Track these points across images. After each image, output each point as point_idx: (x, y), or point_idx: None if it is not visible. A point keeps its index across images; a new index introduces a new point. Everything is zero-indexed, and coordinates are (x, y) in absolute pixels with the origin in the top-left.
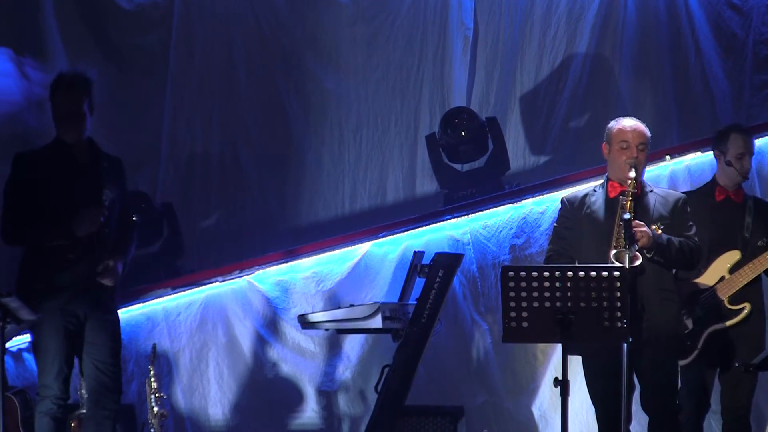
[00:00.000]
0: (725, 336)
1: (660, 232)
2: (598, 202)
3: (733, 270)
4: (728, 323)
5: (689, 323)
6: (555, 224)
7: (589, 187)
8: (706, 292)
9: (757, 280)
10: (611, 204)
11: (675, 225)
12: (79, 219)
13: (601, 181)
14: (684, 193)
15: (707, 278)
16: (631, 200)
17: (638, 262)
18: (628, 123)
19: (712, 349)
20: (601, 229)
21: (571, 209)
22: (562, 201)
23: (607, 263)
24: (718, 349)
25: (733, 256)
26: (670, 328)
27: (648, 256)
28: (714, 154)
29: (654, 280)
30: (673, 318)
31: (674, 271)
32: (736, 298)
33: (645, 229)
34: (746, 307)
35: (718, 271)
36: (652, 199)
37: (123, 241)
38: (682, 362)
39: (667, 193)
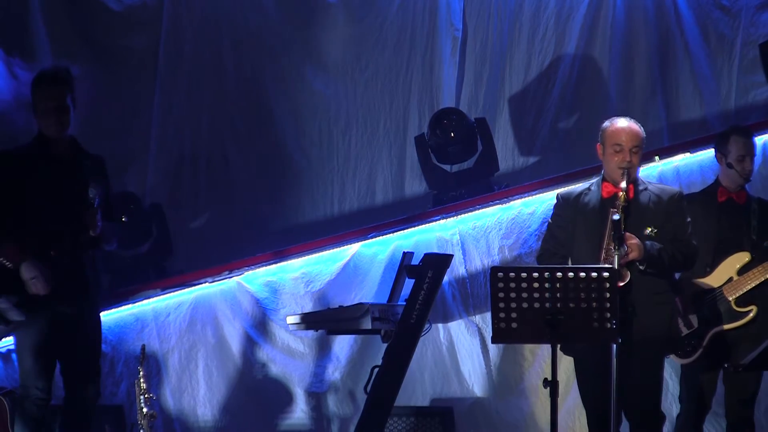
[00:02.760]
0: (730, 337)
1: (653, 235)
2: (592, 201)
3: (741, 272)
4: (734, 325)
5: (695, 322)
6: (549, 221)
7: (585, 185)
8: (714, 292)
9: (765, 282)
10: (605, 204)
11: (668, 225)
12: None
13: (597, 178)
14: (687, 194)
15: (715, 279)
16: (622, 211)
17: (626, 281)
18: (622, 125)
19: (716, 350)
20: (594, 228)
21: (565, 206)
22: (557, 197)
23: (598, 263)
24: (722, 350)
25: (742, 257)
26: (662, 332)
27: (641, 268)
28: (716, 156)
29: (646, 285)
30: (665, 321)
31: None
32: (743, 300)
33: (635, 241)
34: (753, 309)
35: (727, 272)
36: (645, 198)
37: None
38: (684, 361)
39: (662, 190)
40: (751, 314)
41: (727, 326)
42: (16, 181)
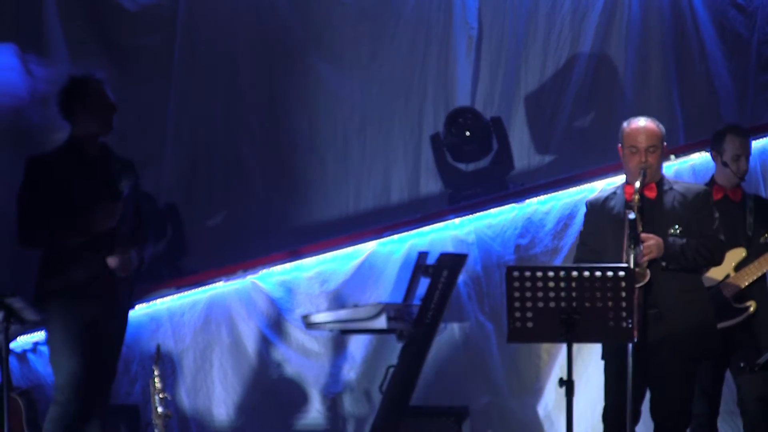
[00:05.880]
0: (731, 334)
1: (677, 234)
2: (617, 205)
3: (738, 268)
4: (734, 321)
5: None
6: (581, 229)
7: (611, 189)
8: (711, 290)
9: (762, 278)
10: (628, 206)
11: (693, 222)
12: (99, 213)
13: (622, 182)
14: None
15: (712, 276)
16: (638, 210)
17: (645, 280)
18: (638, 125)
19: (720, 347)
20: (621, 232)
21: (592, 213)
22: (586, 205)
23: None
24: (724, 347)
25: (738, 254)
26: (692, 331)
27: (663, 264)
28: (711, 154)
29: (674, 284)
30: (696, 320)
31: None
32: (741, 296)
33: (653, 241)
34: (752, 304)
35: (723, 269)
36: (670, 197)
37: (138, 237)
38: None
39: (687, 189)
40: (751, 309)
41: (726, 323)
42: (48, 186)
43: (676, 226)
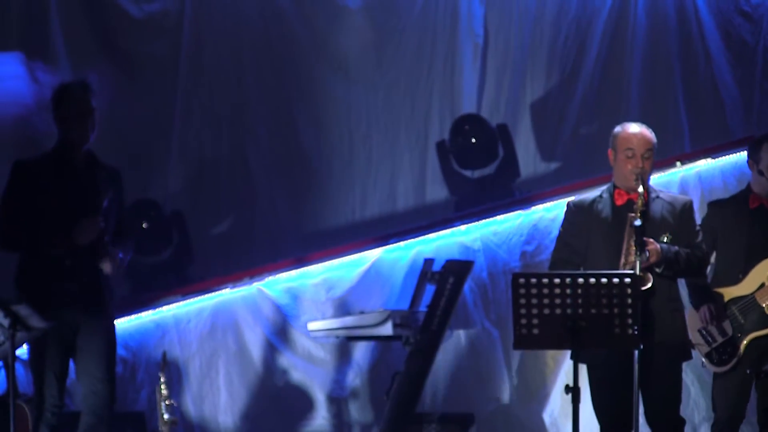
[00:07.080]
0: (765, 343)
1: (667, 242)
2: (605, 209)
3: None
4: None
5: (729, 330)
6: (560, 230)
7: (595, 193)
8: (746, 298)
9: None
10: (619, 211)
11: (681, 232)
12: (79, 227)
13: (608, 186)
14: (717, 200)
15: (747, 285)
16: (640, 215)
17: (649, 284)
18: (634, 130)
19: (753, 356)
20: (610, 237)
21: (577, 215)
22: (568, 206)
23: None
24: (758, 356)
25: None
26: (680, 337)
27: (657, 271)
28: (748, 162)
29: (663, 291)
30: (682, 328)
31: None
32: None
33: (654, 246)
34: None
35: (759, 278)
36: (658, 206)
37: (119, 241)
38: (721, 369)
39: (674, 199)
40: None
41: (761, 332)
42: (31, 189)
43: (667, 234)
